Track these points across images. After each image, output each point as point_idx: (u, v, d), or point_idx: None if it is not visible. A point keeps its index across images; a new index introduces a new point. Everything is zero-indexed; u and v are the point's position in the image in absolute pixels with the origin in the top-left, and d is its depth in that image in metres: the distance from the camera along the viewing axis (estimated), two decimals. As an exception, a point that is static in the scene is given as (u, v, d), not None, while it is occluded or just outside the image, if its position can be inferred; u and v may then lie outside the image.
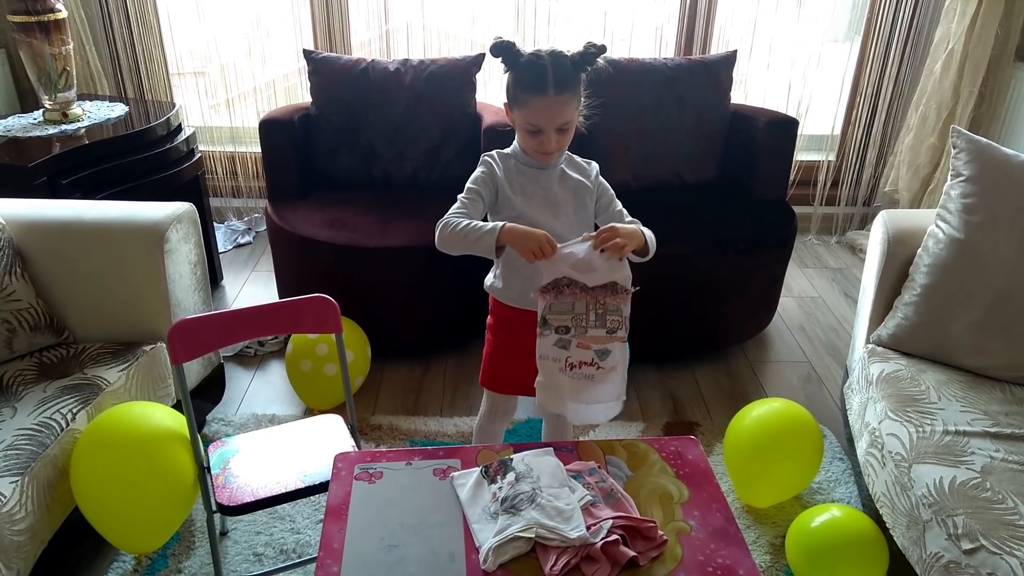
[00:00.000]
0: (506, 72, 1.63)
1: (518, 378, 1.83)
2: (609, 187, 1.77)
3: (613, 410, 1.66)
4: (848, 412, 2.17)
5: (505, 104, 1.67)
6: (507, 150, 1.74)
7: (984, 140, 2.06)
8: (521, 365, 1.77)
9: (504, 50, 1.60)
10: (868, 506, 2.01)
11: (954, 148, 2.09)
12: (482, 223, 1.58)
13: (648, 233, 1.64)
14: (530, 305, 1.73)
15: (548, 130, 1.60)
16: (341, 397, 2.52)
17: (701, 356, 2.88)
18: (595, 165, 1.77)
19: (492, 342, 1.85)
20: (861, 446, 1.97)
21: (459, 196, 1.68)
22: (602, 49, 1.62)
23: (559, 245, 1.52)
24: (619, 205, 1.76)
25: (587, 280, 1.54)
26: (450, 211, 1.64)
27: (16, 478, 1.61)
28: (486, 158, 1.72)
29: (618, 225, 1.57)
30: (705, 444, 2.40)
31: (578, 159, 1.76)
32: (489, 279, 1.81)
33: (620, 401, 1.65)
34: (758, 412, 2.13)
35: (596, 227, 1.65)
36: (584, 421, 1.70)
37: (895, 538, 1.74)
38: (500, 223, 1.55)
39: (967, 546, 1.50)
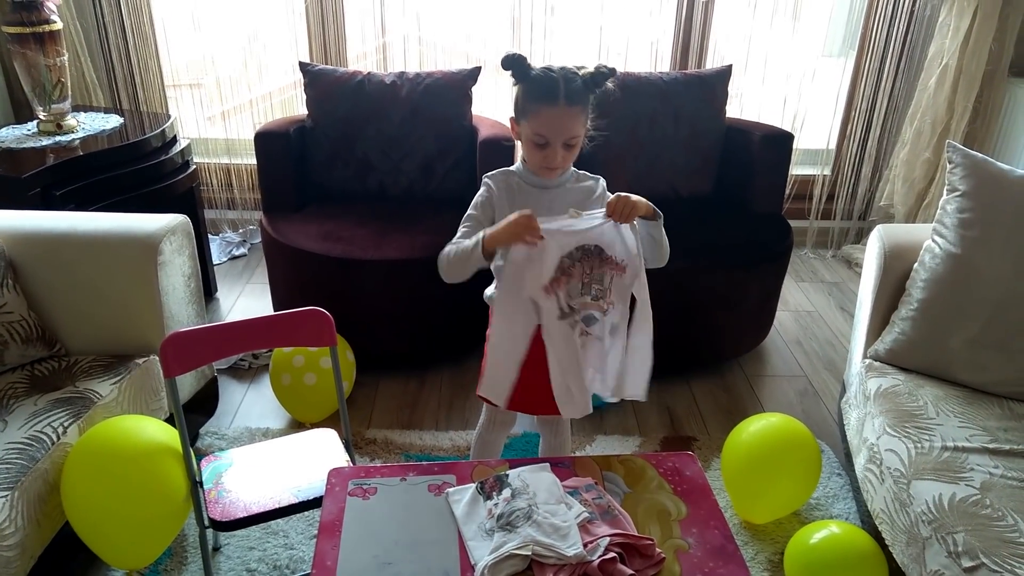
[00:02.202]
0: (515, 85, 1.62)
1: (516, 391, 1.82)
2: None
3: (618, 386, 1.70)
4: (846, 427, 2.16)
5: (511, 119, 1.66)
6: (512, 167, 1.73)
7: (980, 155, 2.06)
8: (517, 378, 1.76)
9: (515, 63, 1.60)
10: (867, 522, 2.00)
11: (950, 163, 2.09)
12: (467, 241, 1.60)
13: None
14: None
15: (555, 143, 1.59)
16: (328, 408, 2.51)
17: (698, 370, 2.87)
18: (602, 181, 1.76)
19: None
20: (859, 462, 1.96)
21: (460, 225, 1.70)
22: (612, 72, 1.61)
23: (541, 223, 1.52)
24: None
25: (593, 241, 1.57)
26: (450, 244, 1.67)
27: (6, 493, 1.59)
28: (486, 180, 1.71)
29: (630, 195, 1.58)
30: (702, 459, 2.39)
31: (585, 175, 1.75)
32: (489, 291, 1.80)
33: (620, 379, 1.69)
34: (755, 427, 2.12)
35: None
36: (597, 391, 1.70)
37: (895, 555, 1.72)
38: (480, 233, 1.56)
39: (967, 564, 1.49)
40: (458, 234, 1.67)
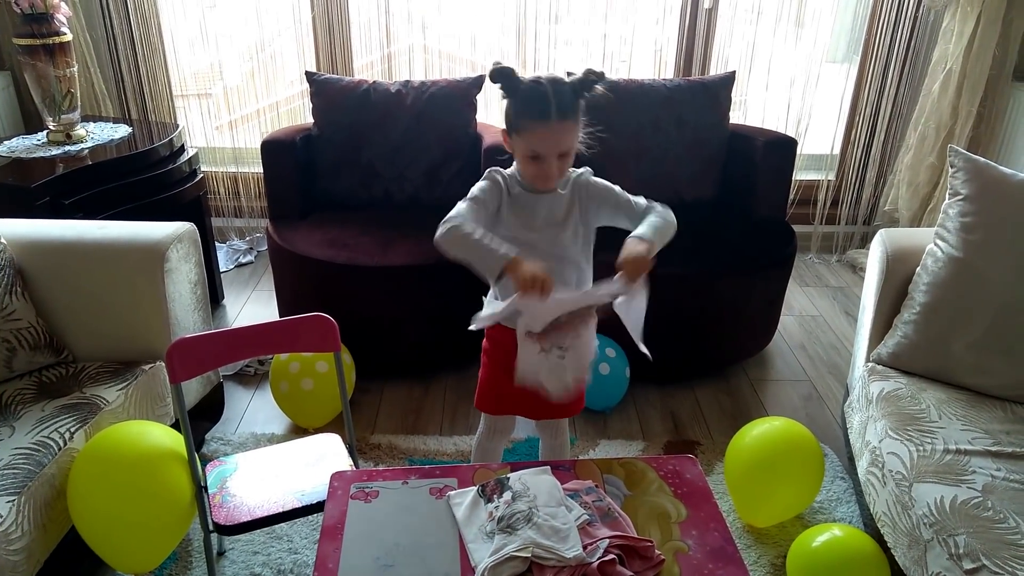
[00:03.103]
0: (505, 99, 1.59)
1: (514, 399, 1.82)
2: (601, 185, 1.69)
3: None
4: (849, 431, 2.17)
5: (503, 131, 1.63)
6: (508, 171, 1.70)
7: (982, 159, 2.06)
8: (517, 386, 1.77)
9: (503, 76, 1.56)
10: (870, 525, 1.99)
11: (952, 167, 2.09)
12: (495, 241, 1.51)
13: (658, 221, 1.61)
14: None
15: (550, 156, 1.56)
16: (330, 413, 2.52)
17: (702, 375, 2.87)
18: (583, 171, 1.70)
19: (488, 365, 1.84)
20: (862, 465, 1.96)
21: (462, 201, 1.63)
22: (600, 76, 1.57)
23: (556, 294, 1.47)
24: (623, 196, 1.69)
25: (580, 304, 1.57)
26: (456, 211, 1.58)
27: (13, 497, 1.61)
28: (493, 173, 1.68)
29: (630, 253, 1.51)
30: (706, 463, 2.39)
31: (572, 172, 1.70)
32: (488, 299, 1.81)
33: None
34: (759, 431, 2.12)
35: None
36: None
37: (896, 558, 1.72)
38: (513, 251, 1.48)
39: (969, 566, 1.49)
40: (464, 206, 1.60)
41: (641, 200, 1.68)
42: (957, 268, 2.00)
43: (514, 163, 1.68)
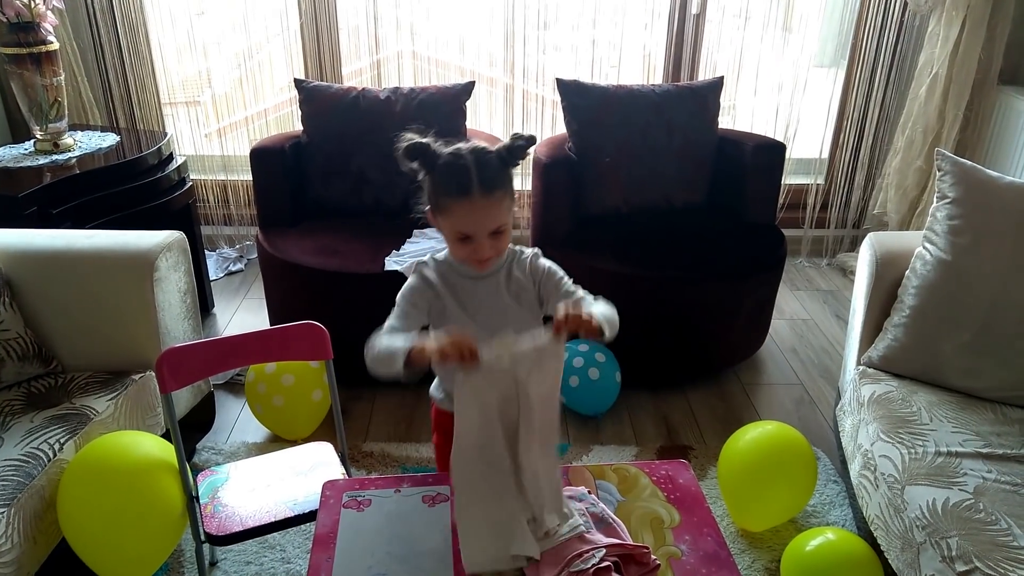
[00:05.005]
0: (424, 176, 1.44)
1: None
2: (551, 268, 1.54)
3: None
4: (841, 434, 2.17)
5: (428, 211, 1.47)
6: (441, 255, 1.55)
7: (968, 162, 2.07)
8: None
9: (419, 152, 1.41)
10: (863, 529, 2.00)
11: (939, 171, 2.10)
12: (396, 341, 1.40)
13: (605, 312, 1.39)
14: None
15: (480, 236, 1.40)
16: (312, 423, 2.52)
17: (694, 380, 2.87)
18: (531, 252, 1.55)
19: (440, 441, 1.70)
20: (854, 468, 1.97)
21: (393, 311, 1.51)
22: (531, 141, 1.44)
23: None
24: (568, 283, 1.52)
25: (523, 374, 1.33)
26: (383, 327, 1.48)
27: (2, 510, 1.60)
28: (420, 268, 1.54)
29: (575, 309, 1.31)
30: (699, 468, 2.39)
31: (521, 252, 1.55)
32: (434, 386, 1.69)
33: None
34: (751, 435, 2.13)
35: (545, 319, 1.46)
36: None
37: (890, 561, 1.73)
38: (408, 341, 1.37)
39: (961, 568, 1.49)
40: (387, 321, 1.50)
41: (588, 296, 1.49)
42: (945, 271, 2.01)
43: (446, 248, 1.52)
